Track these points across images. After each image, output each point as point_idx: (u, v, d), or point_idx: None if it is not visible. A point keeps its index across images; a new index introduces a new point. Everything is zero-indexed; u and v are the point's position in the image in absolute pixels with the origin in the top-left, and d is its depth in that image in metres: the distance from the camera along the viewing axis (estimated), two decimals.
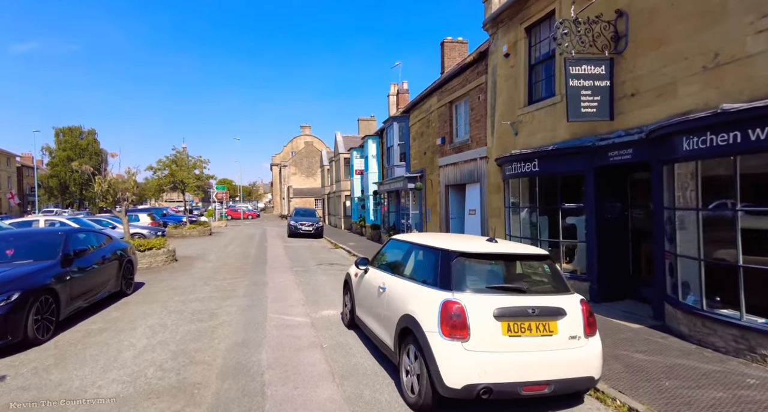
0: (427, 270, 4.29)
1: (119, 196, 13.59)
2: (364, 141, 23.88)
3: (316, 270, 12.40)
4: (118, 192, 13.58)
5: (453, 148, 13.01)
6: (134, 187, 14.19)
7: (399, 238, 5.53)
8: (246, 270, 12.23)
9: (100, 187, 13.17)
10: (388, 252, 5.67)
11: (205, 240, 22.50)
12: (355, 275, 6.19)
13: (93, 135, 59.87)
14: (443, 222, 13.96)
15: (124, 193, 13.79)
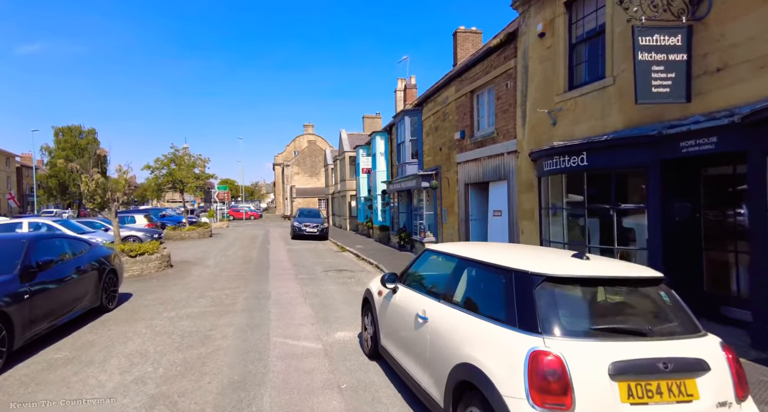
0: (493, 299, 3.10)
1: (109, 196, 12.45)
2: (372, 138, 22.68)
3: (323, 278, 11.22)
4: (108, 192, 12.44)
5: (474, 143, 11.80)
6: (125, 186, 13.06)
7: (439, 249, 4.32)
8: (247, 278, 11.05)
9: (87, 187, 12.03)
10: (424, 267, 4.48)
11: (204, 242, 21.37)
12: (378, 293, 5.00)
13: (93, 134, 58.72)
14: (462, 224, 12.75)
15: (114, 194, 12.66)
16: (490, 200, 11.32)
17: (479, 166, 11.56)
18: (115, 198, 12.64)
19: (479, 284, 3.39)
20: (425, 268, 4.46)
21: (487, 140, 11.12)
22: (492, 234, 11.15)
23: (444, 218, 13.98)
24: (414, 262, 4.64)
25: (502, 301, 2.95)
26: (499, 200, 10.80)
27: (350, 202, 30.68)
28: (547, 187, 8.45)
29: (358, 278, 11.33)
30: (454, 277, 3.66)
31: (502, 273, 3.06)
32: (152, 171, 24.36)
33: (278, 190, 71.77)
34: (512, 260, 3.09)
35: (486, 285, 3.29)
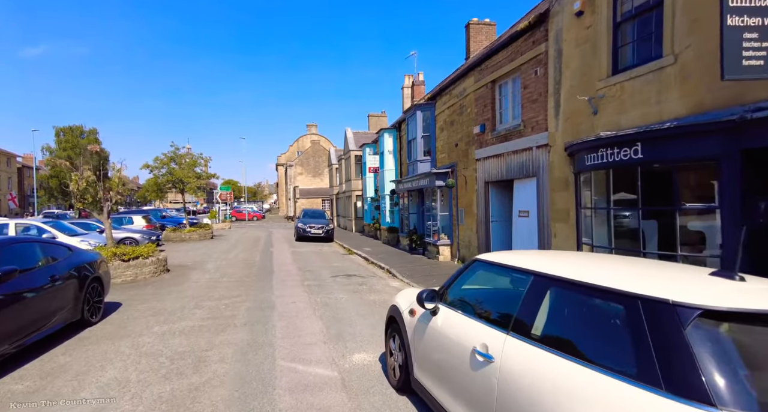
0: (607, 339, 2.13)
1: (101, 196, 11.55)
2: (379, 135, 21.74)
3: (332, 284, 10.26)
4: (100, 191, 11.54)
5: (496, 137, 10.83)
6: (119, 185, 12.16)
7: (499, 261, 3.32)
8: (249, 285, 10.11)
9: (77, 186, 11.13)
10: (474, 283, 3.52)
11: (205, 245, 20.47)
12: (410, 312, 4.05)
13: (94, 134, 58.18)
14: (481, 226, 11.78)
15: (107, 193, 11.76)
16: (515, 200, 10.35)
17: (502, 162, 10.59)
18: (108, 198, 11.74)
19: (577, 314, 2.42)
20: (476, 284, 3.50)
21: (511, 134, 10.15)
22: (517, 237, 10.17)
23: (460, 220, 13.01)
24: (458, 276, 3.68)
25: (625, 343, 1.99)
26: (526, 200, 9.82)
27: (356, 202, 29.74)
28: (589, 184, 7.47)
29: (369, 284, 10.38)
30: (531, 301, 2.68)
31: (619, 301, 2.09)
32: (151, 170, 23.52)
33: (281, 191, 70.95)
34: (632, 281, 2.13)
35: (590, 317, 2.33)
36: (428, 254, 14.73)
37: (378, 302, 8.37)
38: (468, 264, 3.65)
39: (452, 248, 13.64)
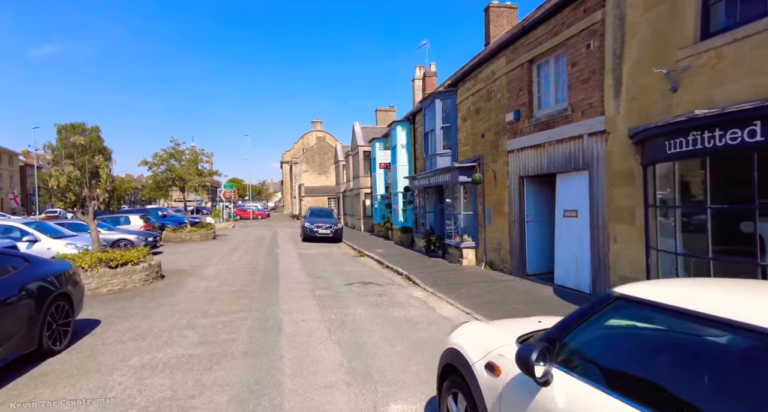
0: None
1: (86, 194, 10.25)
2: (391, 128, 20.35)
3: (347, 295, 8.92)
4: (84, 189, 10.24)
5: (534, 125, 9.42)
6: (107, 182, 10.86)
7: (673, 304, 1.87)
8: (252, 296, 8.78)
9: (56, 183, 9.84)
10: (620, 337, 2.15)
11: (207, 246, 19.21)
12: (488, 368, 2.66)
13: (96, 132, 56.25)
14: (514, 227, 10.37)
15: (93, 191, 10.46)
16: (558, 197, 8.94)
17: (542, 153, 9.18)
18: (94, 196, 10.44)
19: None
20: (625, 340, 2.12)
21: (555, 120, 8.73)
22: (562, 241, 8.76)
23: (488, 220, 11.61)
24: (584, 320, 2.28)
25: None
26: (574, 197, 8.41)
27: (364, 200, 28.39)
28: (672, 178, 6.03)
29: (390, 294, 9.02)
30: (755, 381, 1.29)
31: None
32: (150, 167, 22.25)
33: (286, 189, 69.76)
34: None
35: None
36: (449, 258, 13.35)
37: (405, 320, 7.01)
38: (601, 305, 2.25)
39: (477, 251, 12.25)
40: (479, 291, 8.98)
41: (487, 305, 7.84)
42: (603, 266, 7.55)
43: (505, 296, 8.47)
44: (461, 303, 8.08)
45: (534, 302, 7.88)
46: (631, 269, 6.90)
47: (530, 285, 9.30)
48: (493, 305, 7.76)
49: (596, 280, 7.75)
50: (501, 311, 7.30)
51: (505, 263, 10.81)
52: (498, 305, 7.79)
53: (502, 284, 9.55)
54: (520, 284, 9.52)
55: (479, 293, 8.86)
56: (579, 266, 8.33)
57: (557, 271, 8.99)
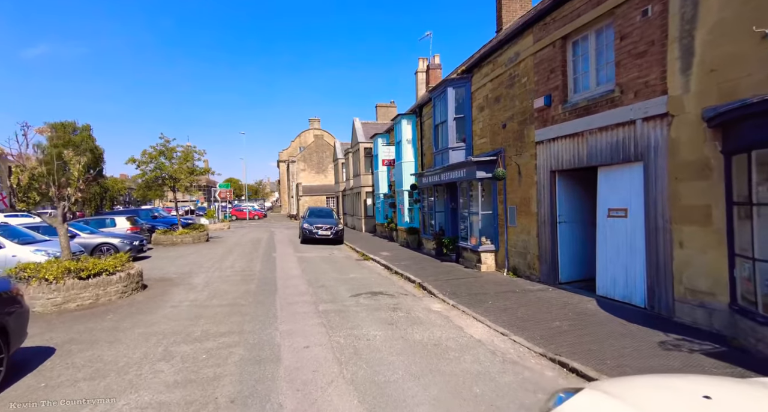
0: None
1: (53, 193, 8.92)
2: (395, 122, 19.06)
3: (355, 310, 7.64)
4: (52, 187, 8.91)
5: (570, 111, 8.17)
6: (80, 179, 9.51)
7: None
8: (245, 312, 7.50)
9: (16, 180, 8.52)
10: None
11: (198, 249, 17.90)
12: None
13: (88, 131, 55.03)
14: (544, 228, 9.12)
15: (62, 191, 9.13)
16: (600, 194, 7.69)
17: (579, 143, 7.93)
18: (63, 196, 9.11)
19: None
20: None
21: (597, 104, 7.47)
22: (608, 245, 7.51)
23: (511, 220, 10.35)
24: None
25: None
26: (622, 193, 7.16)
27: (365, 199, 27.10)
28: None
29: (405, 308, 7.76)
30: None
31: None
32: (138, 166, 20.85)
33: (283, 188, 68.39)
34: None
35: None
36: (464, 262, 12.09)
37: (430, 344, 5.75)
38: None
39: (497, 255, 11.00)
40: (509, 304, 7.74)
41: (523, 323, 6.59)
42: (664, 275, 6.31)
43: (541, 310, 7.22)
44: (491, 320, 6.83)
45: (579, 319, 6.63)
46: (707, 281, 5.66)
47: (567, 296, 8.05)
48: (530, 324, 6.51)
49: (654, 292, 6.51)
50: (543, 331, 6.05)
51: (533, 270, 9.56)
52: (536, 323, 6.54)
53: (532, 295, 8.30)
54: (554, 294, 8.27)
55: (509, 306, 7.61)
56: (629, 274, 7.09)
57: (600, 280, 7.75)
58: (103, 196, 57.31)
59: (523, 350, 5.58)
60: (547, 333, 6.03)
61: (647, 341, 5.45)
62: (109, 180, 60.35)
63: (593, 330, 6.03)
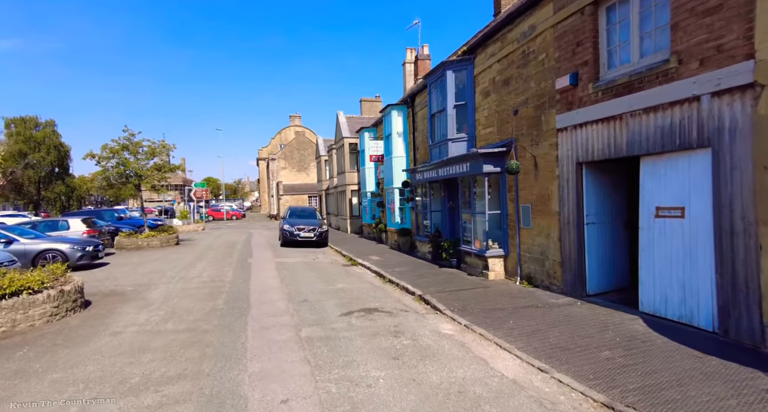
0: None
1: None
2: (384, 114, 17.53)
3: (347, 335, 6.08)
4: None
5: (603, 90, 6.78)
6: None
7: None
8: (205, 342, 5.84)
9: None
10: None
11: (166, 254, 16.00)
12: None
13: (51, 127, 51.89)
14: (567, 230, 7.74)
15: None
16: (645, 189, 6.33)
17: (616, 128, 6.55)
18: None
19: None
20: None
21: (644, 79, 6.09)
22: (655, 250, 6.14)
23: (524, 221, 8.95)
24: None
25: None
26: (678, 188, 5.80)
27: (351, 199, 25.50)
28: None
29: (410, 332, 6.24)
30: None
31: None
32: (98, 161, 18.74)
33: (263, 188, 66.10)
34: None
35: None
36: (467, 268, 10.65)
37: (453, 392, 4.24)
38: None
39: (508, 261, 9.59)
40: (534, 324, 6.30)
41: (562, 352, 5.16)
42: (744, 292, 4.96)
43: (578, 333, 5.80)
44: (520, 348, 5.38)
45: (633, 346, 5.23)
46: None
47: (603, 314, 6.67)
48: (572, 353, 5.08)
49: (728, 313, 5.16)
50: (593, 366, 4.62)
51: (553, 279, 8.18)
52: (579, 352, 5.12)
53: (559, 311, 6.90)
54: (585, 311, 6.88)
55: (536, 326, 6.18)
56: (688, 288, 5.73)
57: (645, 294, 6.39)
58: (70, 196, 54.07)
59: (577, 397, 4.13)
60: (600, 369, 4.61)
61: (748, 386, 4.06)
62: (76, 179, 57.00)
63: (661, 365, 4.63)
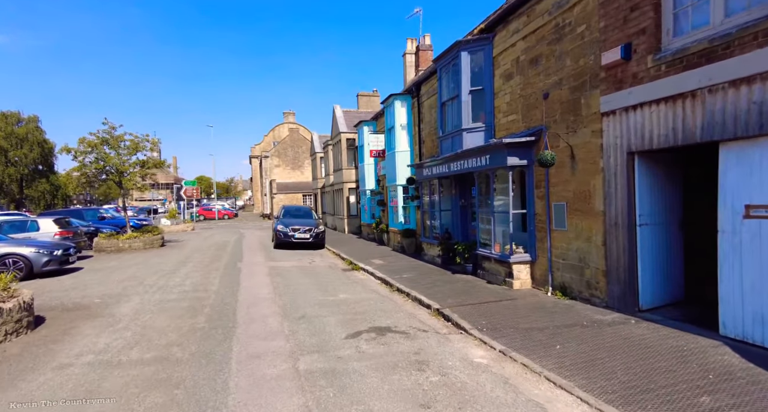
0: None
1: None
2: (386, 105, 16.22)
3: (357, 368, 4.79)
4: None
5: (669, 62, 5.55)
6: None
7: None
8: (175, 380, 4.51)
9: None
10: None
11: (148, 257, 14.60)
12: None
13: (35, 123, 49.82)
14: (616, 232, 6.50)
15: None
16: (726, 183, 5.10)
17: (688, 108, 5.31)
18: None
19: None
20: None
21: (730, 44, 4.85)
22: (746, 262, 4.92)
23: (558, 221, 7.71)
24: None
25: None
26: None
27: (348, 197, 24.17)
28: None
29: (437, 363, 4.96)
30: None
31: None
32: (75, 156, 17.22)
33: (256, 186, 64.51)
34: None
35: None
36: (486, 276, 9.39)
37: None
38: None
39: (535, 267, 8.36)
40: (589, 350, 5.06)
41: (642, 396, 3.92)
42: None
43: (652, 366, 4.56)
44: (582, 386, 4.15)
45: (736, 388, 4.00)
46: None
47: (671, 336, 5.43)
48: (657, 399, 3.84)
49: None
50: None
51: (595, 290, 6.95)
52: (667, 397, 3.88)
53: (613, 333, 5.66)
54: (646, 332, 5.64)
55: (592, 354, 4.93)
56: None
57: (728, 313, 5.17)
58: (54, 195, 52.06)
59: None
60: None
61: None
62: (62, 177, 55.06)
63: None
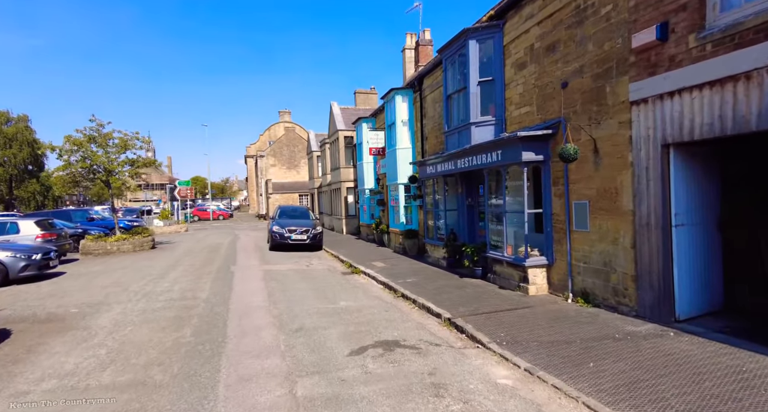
0: None
1: None
2: (387, 100, 15.53)
3: (365, 394, 4.11)
4: None
5: (717, 40, 4.91)
6: None
7: None
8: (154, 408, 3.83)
9: None
10: None
11: (136, 260, 13.85)
12: None
13: (24, 122, 48.85)
14: (646, 233, 5.86)
15: None
16: None
17: (740, 92, 4.67)
18: None
19: None
20: None
21: None
22: None
23: (579, 222, 7.05)
24: None
25: None
26: None
27: (346, 197, 23.48)
28: None
29: (457, 387, 4.29)
30: None
31: None
32: (60, 155, 16.42)
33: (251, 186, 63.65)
34: None
35: None
36: (498, 280, 8.73)
37: None
38: None
39: (552, 271, 7.70)
40: (628, 369, 4.40)
41: None
42: None
43: (711, 392, 3.91)
44: None
45: None
46: None
47: (721, 352, 4.78)
48: None
49: None
50: None
51: (622, 297, 6.30)
52: None
53: (651, 347, 5.00)
54: (690, 347, 4.99)
55: (633, 374, 4.28)
56: None
57: None
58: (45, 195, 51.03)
59: None
60: None
61: None
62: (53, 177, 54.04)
63: None
